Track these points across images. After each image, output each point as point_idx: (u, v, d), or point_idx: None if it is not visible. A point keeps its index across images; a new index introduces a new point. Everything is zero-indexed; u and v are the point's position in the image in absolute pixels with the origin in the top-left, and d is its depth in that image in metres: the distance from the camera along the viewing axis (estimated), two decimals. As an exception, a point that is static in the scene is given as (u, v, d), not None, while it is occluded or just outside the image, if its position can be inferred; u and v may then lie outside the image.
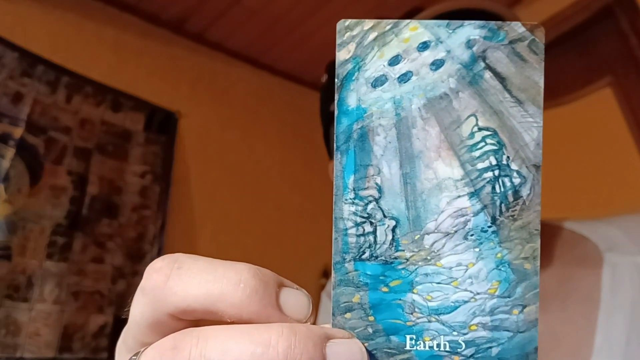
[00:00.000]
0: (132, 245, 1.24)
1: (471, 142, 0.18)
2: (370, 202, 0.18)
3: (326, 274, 1.61)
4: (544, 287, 0.22)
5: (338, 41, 0.18)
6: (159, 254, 1.26)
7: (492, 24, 0.18)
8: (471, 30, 0.18)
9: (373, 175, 0.18)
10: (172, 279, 0.18)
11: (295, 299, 0.18)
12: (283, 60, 1.74)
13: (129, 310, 0.20)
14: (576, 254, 0.45)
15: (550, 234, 0.48)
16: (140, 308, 0.19)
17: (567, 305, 0.43)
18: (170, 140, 1.39)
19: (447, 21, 0.18)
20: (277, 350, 0.16)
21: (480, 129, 0.18)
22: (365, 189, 0.18)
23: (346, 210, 0.18)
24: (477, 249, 0.18)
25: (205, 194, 1.48)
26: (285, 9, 1.48)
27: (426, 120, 0.18)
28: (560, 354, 0.41)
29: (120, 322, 1.16)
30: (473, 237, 0.18)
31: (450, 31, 0.18)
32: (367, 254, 0.18)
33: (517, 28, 0.18)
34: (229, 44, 1.62)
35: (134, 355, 0.19)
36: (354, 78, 0.18)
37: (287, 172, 1.73)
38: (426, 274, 0.18)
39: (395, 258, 0.18)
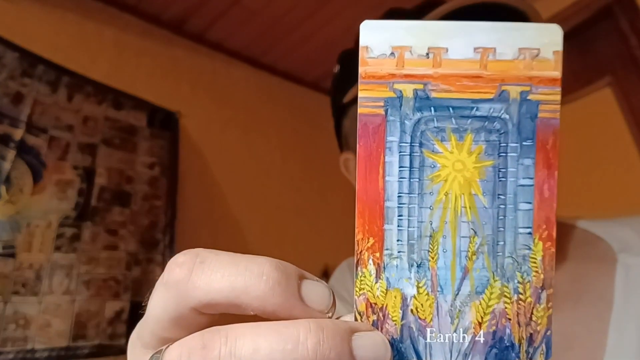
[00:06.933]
0: (145, 233, 1.25)
1: None
2: None
3: (326, 274, 1.61)
4: (557, 286, 0.22)
5: None
6: (171, 243, 1.28)
7: None
8: None
9: None
10: (196, 273, 0.18)
11: (316, 290, 0.18)
12: (283, 61, 1.74)
13: (146, 305, 0.20)
14: (590, 253, 0.45)
15: (563, 232, 0.48)
16: (162, 302, 0.19)
17: (580, 305, 0.42)
18: (174, 137, 1.40)
19: None
20: (306, 346, 0.16)
21: None
22: None
23: None
24: None
25: (205, 195, 1.48)
26: (285, 9, 1.48)
27: None
28: (572, 355, 0.40)
29: (137, 307, 1.15)
30: None
31: None
32: None
33: None
34: (229, 44, 1.62)
35: (156, 353, 0.18)
36: None
37: (287, 172, 1.73)
38: None
39: None
